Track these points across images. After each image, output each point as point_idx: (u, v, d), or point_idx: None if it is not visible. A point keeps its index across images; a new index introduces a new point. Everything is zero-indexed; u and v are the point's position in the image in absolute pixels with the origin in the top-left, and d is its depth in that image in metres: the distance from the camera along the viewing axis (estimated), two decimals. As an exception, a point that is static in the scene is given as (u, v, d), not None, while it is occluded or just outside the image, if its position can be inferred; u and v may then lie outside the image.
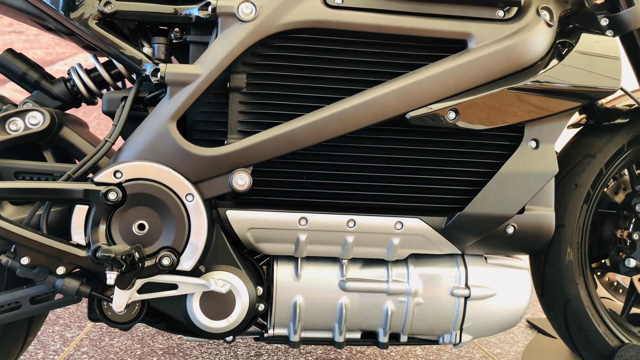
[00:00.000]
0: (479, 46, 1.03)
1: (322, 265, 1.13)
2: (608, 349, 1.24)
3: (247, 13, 1.00)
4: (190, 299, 1.04)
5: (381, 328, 1.14)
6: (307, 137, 1.01)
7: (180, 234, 1.00)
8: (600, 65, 1.05)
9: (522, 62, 1.03)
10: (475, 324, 1.14)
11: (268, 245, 1.08)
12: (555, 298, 1.25)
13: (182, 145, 1.00)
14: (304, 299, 1.11)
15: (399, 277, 1.13)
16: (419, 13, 1.04)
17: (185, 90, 0.99)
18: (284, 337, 1.15)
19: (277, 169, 1.05)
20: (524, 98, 1.03)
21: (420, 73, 1.02)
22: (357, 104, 1.01)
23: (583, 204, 1.23)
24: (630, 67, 1.21)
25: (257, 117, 1.03)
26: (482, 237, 1.09)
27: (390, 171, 1.06)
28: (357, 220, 1.07)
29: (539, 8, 1.06)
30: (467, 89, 1.03)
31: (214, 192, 1.02)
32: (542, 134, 1.07)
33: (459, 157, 1.07)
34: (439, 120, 1.02)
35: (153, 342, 1.61)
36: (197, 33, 1.06)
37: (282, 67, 1.03)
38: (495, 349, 1.64)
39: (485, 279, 1.13)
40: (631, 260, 1.18)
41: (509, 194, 1.06)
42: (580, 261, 1.24)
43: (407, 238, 1.09)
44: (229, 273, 1.04)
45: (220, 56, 0.99)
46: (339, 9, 1.02)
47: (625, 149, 1.24)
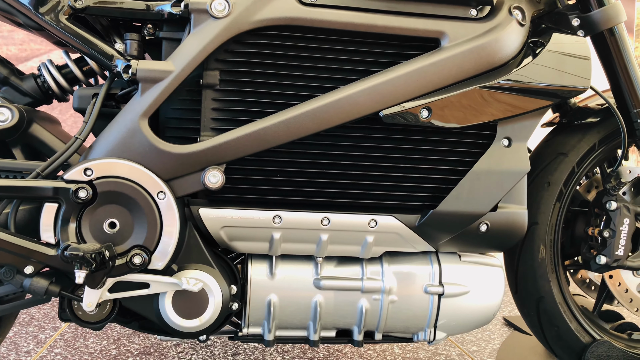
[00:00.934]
0: (452, 45, 1.04)
1: (296, 263, 1.13)
2: (580, 345, 1.26)
3: (220, 10, 0.99)
4: (162, 298, 1.03)
5: (356, 326, 1.14)
6: (280, 134, 1.01)
7: (152, 232, 0.99)
8: (571, 65, 1.06)
9: (494, 60, 1.04)
10: (449, 321, 1.15)
11: (242, 243, 1.07)
12: (528, 295, 1.27)
13: (154, 142, 0.98)
14: (279, 298, 1.11)
15: (374, 274, 1.13)
16: (392, 11, 1.04)
17: (157, 87, 0.98)
18: (258, 336, 1.14)
19: (250, 166, 1.04)
20: (496, 96, 1.04)
21: (394, 71, 1.02)
22: (331, 101, 1.01)
23: (555, 202, 1.24)
24: (601, 67, 1.23)
25: (230, 115, 1.03)
26: (456, 234, 1.10)
27: (364, 169, 1.06)
28: (331, 218, 1.06)
29: (511, 7, 1.07)
30: (440, 87, 1.03)
31: (186, 190, 1.01)
32: (515, 132, 1.08)
33: (433, 155, 1.07)
34: (412, 119, 1.03)
35: (129, 343, 1.60)
36: (170, 29, 1.06)
37: (255, 64, 1.03)
38: (471, 346, 1.65)
39: (458, 277, 1.14)
40: (602, 257, 1.19)
41: (482, 192, 1.07)
42: (552, 258, 1.26)
43: (381, 236, 1.09)
44: (202, 272, 1.03)
45: (192, 53, 0.99)
46: (312, 7, 1.02)
47: (597, 148, 1.26)
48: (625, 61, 1.16)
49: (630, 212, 1.19)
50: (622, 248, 1.18)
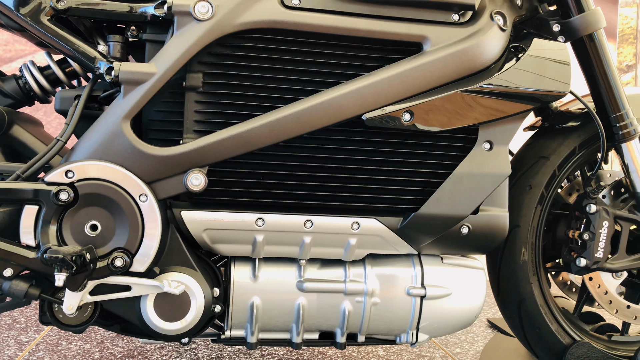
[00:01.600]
0: (434, 49, 1.05)
1: (280, 266, 1.13)
2: (560, 346, 1.27)
3: (204, 12, 0.99)
4: (144, 301, 1.03)
5: (338, 328, 1.15)
6: (263, 137, 1.01)
7: (134, 234, 0.98)
8: (551, 70, 1.08)
9: (475, 65, 1.05)
10: (431, 323, 1.16)
11: (225, 246, 1.07)
12: (510, 297, 1.28)
13: (136, 144, 0.98)
14: (262, 300, 1.11)
15: (356, 277, 1.13)
16: (375, 15, 1.05)
17: (140, 89, 0.98)
18: (241, 338, 1.14)
19: (233, 169, 1.04)
20: (478, 100, 1.05)
21: (376, 75, 1.03)
22: (314, 104, 1.01)
23: (537, 205, 1.26)
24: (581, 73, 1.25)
25: (213, 117, 1.03)
26: (438, 237, 1.11)
27: (347, 172, 1.07)
28: (314, 220, 1.07)
29: (493, 12, 1.08)
30: (422, 91, 1.04)
31: (168, 192, 1.01)
32: (496, 135, 1.09)
33: (415, 158, 1.08)
34: (395, 122, 1.03)
35: (112, 346, 1.59)
36: (153, 32, 1.06)
37: (238, 67, 1.03)
38: (455, 348, 1.66)
39: (441, 279, 1.15)
40: (582, 259, 1.21)
41: (463, 195, 1.08)
42: (534, 261, 1.27)
43: (364, 238, 1.10)
44: (184, 274, 1.03)
45: (175, 55, 0.99)
46: (296, 10, 1.02)
47: (577, 151, 1.27)
48: (605, 66, 1.18)
49: (609, 215, 1.20)
50: (602, 250, 1.20)
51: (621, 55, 5.72)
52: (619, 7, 5.53)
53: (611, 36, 2.81)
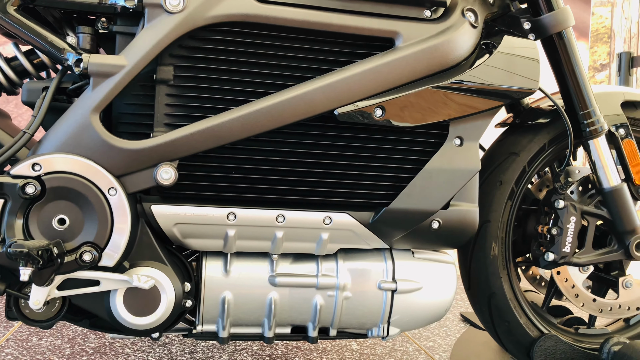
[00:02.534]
0: (406, 45, 1.05)
1: (252, 260, 1.13)
2: (529, 339, 1.29)
3: (175, 5, 0.99)
4: (113, 295, 1.02)
5: (310, 322, 1.15)
6: (234, 131, 1.00)
7: (103, 229, 0.97)
8: (521, 67, 1.09)
9: (446, 61, 1.06)
10: (402, 317, 1.17)
11: (196, 240, 1.07)
12: (480, 291, 1.29)
13: (105, 137, 0.97)
14: (233, 295, 1.10)
15: (328, 271, 1.14)
16: (348, 10, 1.05)
17: (109, 81, 0.97)
18: (212, 333, 1.14)
19: (204, 163, 1.04)
20: (448, 96, 1.06)
21: (348, 70, 1.03)
22: (286, 99, 1.01)
23: (507, 200, 1.28)
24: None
25: (184, 110, 1.02)
26: (409, 231, 1.12)
27: (319, 166, 1.07)
28: (286, 215, 1.07)
29: (464, 9, 1.09)
30: (394, 87, 1.05)
31: (138, 186, 1.00)
32: (466, 132, 1.10)
33: (386, 153, 1.09)
34: (366, 117, 1.04)
35: (84, 341, 1.57)
36: (124, 24, 1.04)
37: (210, 60, 1.02)
38: (428, 342, 1.68)
39: (412, 273, 1.16)
40: (550, 254, 1.23)
41: (434, 190, 1.09)
42: (504, 255, 1.29)
43: (336, 233, 1.10)
44: (154, 269, 1.02)
45: (146, 48, 0.98)
46: (268, 4, 1.02)
47: (547, 148, 1.29)
48: (573, 64, 1.20)
49: (577, 211, 1.23)
50: (569, 245, 1.22)
51: (595, 54, 5.82)
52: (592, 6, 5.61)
53: (584, 35, 2.86)
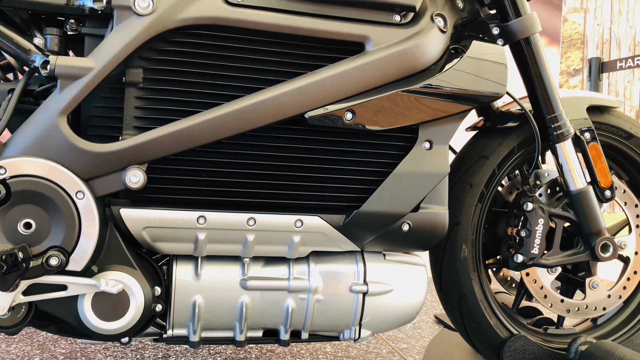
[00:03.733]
0: (376, 49, 1.06)
1: (223, 264, 1.12)
2: (499, 340, 1.31)
3: (144, 7, 0.98)
4: (81, 300, 1.00)
5: (282, 325, 1.15)
6: (204, 134, 1.00)
7: (70, 233, 0.96)
8: (488, 71, 1.11)
9: (416, 65, 1.07)
10: (373, 319, 1.17)
11: (166, 244, 1.06)
12: (451, 293, 1.31)
13: (72, 140, 0.96)
14: (204, 299, 1.10)
15: (300, 274, 1.14)
16: (318, 14, 1.06)
17: (77, 84, 0.96)
18: (183, 337, 1.13)
19: (174, 166, 1.03)
20: (418, 100, 1.07)
21: (319, 74, 1.04)
22: (256, 102, 1.01)
23: (477, 203, 1.29)
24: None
25: (154, 113, 1.01)
26: (379, 234, 1.13)
27: (290, 169, 1.07)
28: (257, 218, 1.07)
29: (434, 14, 1.11)
30: (364, 91, 1.06)
31: (106, 189, 0.99)
32: (436, 135, 1.11)
33: (357, 156, 1.10)
34: (337, 121, 1.05)
35: (55, 347, 1.54)
36: (93, 25, 1.03)
37: (180, 63, 1.02)
38: (402, 344, 1.69)
39: (383, 275, 1.16)
40: (519, 256, 1.25)
41: (404, 193, 1.10)
42: (474, 257, 1.31)
43: (307, 236, 1.10)
44: (123, 273, 1.01)
45: (114, 50, 0.97)
46: (239, 7, 1.02)
47: (516, 151, 1.32)
48: (540, 69, 1.23)
49: (545, 213, 1.25)
50: (537, 247, 1.24)
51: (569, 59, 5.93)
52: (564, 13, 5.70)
53: (555, 41, 2.92)
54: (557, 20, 2.92)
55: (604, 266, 2.60)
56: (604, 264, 1.70)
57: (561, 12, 2.93)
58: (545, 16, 2.93)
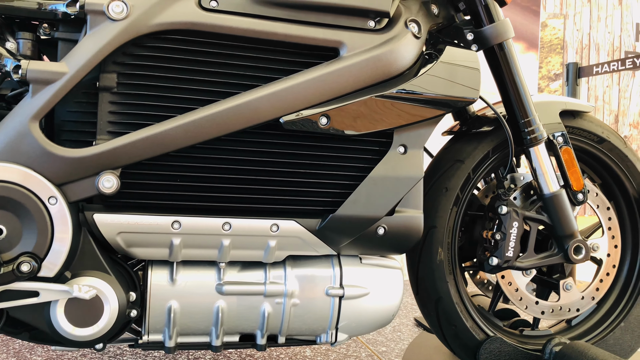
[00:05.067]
0: (350, 54, 1.07)
1: (199, 269, 1.12)
2: (475, 342, 1.32)
3: (118, 12, 0.98)
4: (54, 307, 0.99)
5: (259, 330, 1.15)
6: (178, 139, 1.00)
7: (42, 238, 0.95)
8: (462, 76, 1.12)
9: (390, 70, 1.08)
10: (349, 323, 1.18)
11: (140, 249, 1.06)
12: (428, 296, 1.32)
13: (45, 145, 0.95)
14: (180, 304, 1.10)
15: (276, 279, 1.14)
16: (293, 20, 1.06)
17: (50, 88, 0.96)
18: (159, 342, 1.12)
19: (148, 171, 1.03)
20: (392, 105, 1.08)
21: (293, 79, 1.04)
22: (230, 107, 1.01)
23: (453, 206, 1.31)
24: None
25: (128, 118, 1.01)
26: (355, 238, 1.13)
27: (265, 174, 1.08)
28: (232, 223, 1.07)
29: (408, 20, 1.12)
30: (338, 96, 1.07)
31: (79, 195, 0.98)
32: (410, 140, 1.12)
33: (332, 161, 1.10)
34: (312, 125, 1.05)
35: (31, 355, 1.52)
36: (66, 30, 1.03)
37: (154, 68, 1.02)
38: (381, 347, 1.70)
39: (359, 279, 1.17)
40: (494, 258, 1.26)
41: (378, 197, 1.11)
42: (450, 260, 1.32)
43: (283, 240, 1.11)
44: (97, 279, 1.01)
45: (88, 55, 0.97)
46: (213, 12, 1.02)
47: (491, 155, 1.33)
48: (513, 74, 1.24)
49: (519, 216, 1.27)
50: (512, 250, 1.26)
51: (550, 64, 6.01)
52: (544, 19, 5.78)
53: (534, 46, 2.96)
54: (535, 26, 2.96)
55: (582, 268, 2.63)
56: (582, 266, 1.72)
57: (539, 18, 2.97)
58: (524, 22, 2.97)
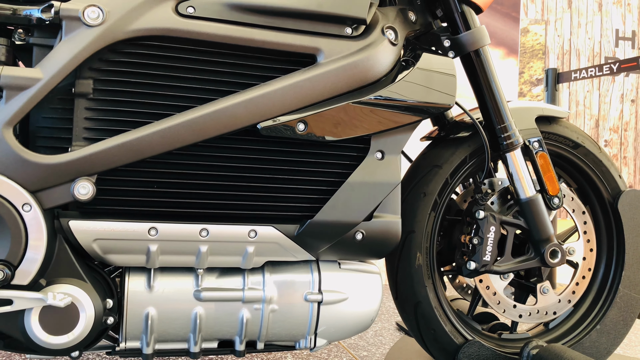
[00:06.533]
0: (327, 61, 1.08)
1: (176, 275, 1.12)
2: (453, 346, 1.33)
3: (94, 18, 0.98)
4: (28, 315, 0.98)
5: (237, 336, 1.15)
6: (155, 145, 1.00)
7: (16, 246, 0.94)
8: (438, 83, 1.14)
9: (367, 77, 1.09)
10: (328, 328, 1.18)
11: (117, 256, 1.05)
12: (407, 300, 1.33)
13: (18, 152, 0.95)
14: (157, 311, 1.09)
15: (255, 284, 1.14)
16: (270, 26, 1.07)
17: (23, 94, 0.95)
18: (136, 350, 1.12)
19: (125, 177, 1.02)
20: (368, 111, 1.09)
21: (270, 85, 1.05)
22: (207, 113, 1.01)
23: (431, 211, 1.32)
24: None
25: (104, 124, 1.01)
26: (333, 243, 1.14)
27: (243, 180, 1.08)
28: (210, 229, 1.07)
29: (384, 27, 1.13)
30: (315, 102, 1.07)
31: (54, 201, 0.97)
32: (387, 145, 1.13)
33: (310, 167, 1.11)
34: (289, 131, 1.06)
35: (7, 363, 1.50)
36: (42, 35, 1.02)
37: (130, 74, 1.01)
38: (362, 351, 1.70)
39: (337, 284, 1.17)
40: (472, 263, 1.27)
41: (356, 202, 1.11)
42: (429, 265, 1.33)
43: (262, 246, 1.11)
44: (72, 286, 1.00)
45: (63, 60, 0.96)
46: (190, 19, 1.03)
47: (468, 160, 1.35)
48: (490, 80, 1.26)
49: (496, 221, 1.28)
50: (489, 254, 1.27)
51: (532, 69, 6.09)
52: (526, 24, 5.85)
53: (514, 52, 2.99)
54: (515, 32, 3.00)
55: (563, 270, 2.66)
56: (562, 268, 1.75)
57: (519, 24, 3.01)
58: (504, 28, 3.00)
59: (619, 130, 6.01)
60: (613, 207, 1.45)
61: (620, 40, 6.03)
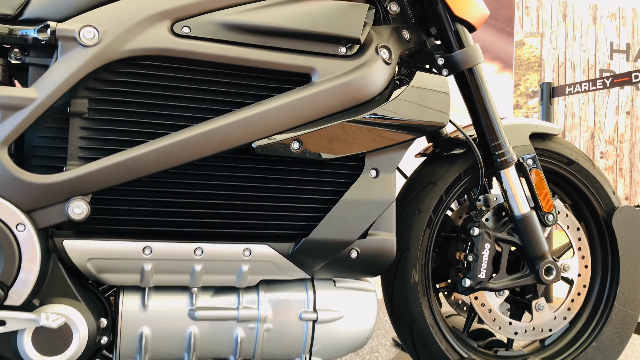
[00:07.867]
0: (322, 80, 1.08)
1: (171, 294, 1.11)
2: (449, 364, 1.33)
3: (90, 38, 0.98)
4: (20, 335, 0.98)
5: (232, 355, 1.14)
6: (150, 164, 1.00)
7: (10, 266, 0.94)
8: (432, 101, 1.14)
9: (361, 96, 1.10)
10: (323, 347, 1.18)
11: (111, 275, 1.05)
12: (402, 318, 1.32)
13: (12, 171, 0.95)
14: (151, 330, 1.09)
15: (250, 303, 1.14)
16: (265, 46, 1.07)
17: (19, 114, 0.95)
18: (130, 369, 1.11)
19: (119, 196, 1.03)
20: (363, 130, 1.10)
21: (265, 104, 1.05)
22: (202, 132, 1.02)
23: (426, 228, 1.32)
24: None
25: (99, 144, 1.01)
26: (328, 261, 1.14)
27: (237, 198, 1.08)
28: (204, 248, 1.07)
29: (378, 46, 1.14)
30: (310, 121, 1.08)
31: (49, 221, 0.97)
32: (382, 163, 1.14)
33: (305, 185, 1.11)
34: (284, 150, 1.06)
35: (0, 381, 1.49)
36: (37, 55, 1.03)
37: (126, 94, 1.02)
38: (358, 368, 1.70)
39: (332, 302, 1.17)
40: (467, 280, 1.27)
41: (351, 220, 1.11)
42: (424, 282, 1.33)
43: (256, 264, 1.11)
44: (66, 306, 1.00)
45: (58, 80, 0.97)
46: (185, 38, 1.03)
47: (462, 177, 1.35)
48: (483, 98, 1.27)
49: (491, 238, 1.28)
50: (484, 271, 1.27)
51: (527, 81, 6.12)
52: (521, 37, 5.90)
53: (509, 66, 3.02)
54: (510, 46, 3.02)
55: (560, 285, 2.66)
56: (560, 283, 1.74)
57: (513, 39, 3.04)
58: (499, 42, 3.03)
59: (615, 142, 6.04)
60: (607, 223, 1.45)
61: (614, 53, 6.08)
